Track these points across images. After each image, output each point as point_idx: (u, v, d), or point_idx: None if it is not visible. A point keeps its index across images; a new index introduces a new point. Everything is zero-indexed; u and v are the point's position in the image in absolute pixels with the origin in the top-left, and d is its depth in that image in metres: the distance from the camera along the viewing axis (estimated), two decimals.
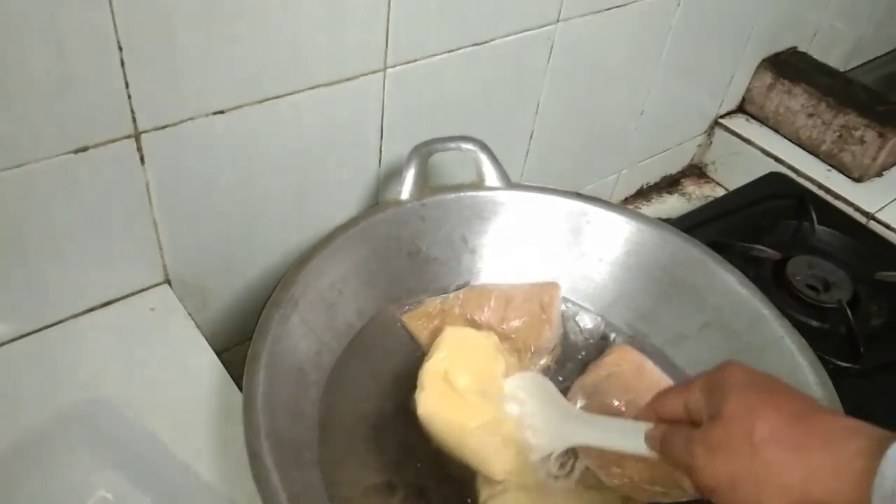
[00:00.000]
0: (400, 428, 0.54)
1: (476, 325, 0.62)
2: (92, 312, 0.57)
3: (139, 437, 0.48)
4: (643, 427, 0.46)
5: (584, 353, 0.64)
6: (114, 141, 0.50)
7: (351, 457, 0.52)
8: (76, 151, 0.49)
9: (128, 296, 0.59)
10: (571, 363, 0.63)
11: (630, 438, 0.46)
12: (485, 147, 0.64)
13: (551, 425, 0.52)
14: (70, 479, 0.47)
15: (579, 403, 0.58)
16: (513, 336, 0.62)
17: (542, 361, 0.62)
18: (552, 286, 0.65)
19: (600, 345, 0.65)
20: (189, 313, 0.59)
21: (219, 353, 0.57)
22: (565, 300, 0.66)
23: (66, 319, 0.56)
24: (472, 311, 0.62)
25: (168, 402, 0.52)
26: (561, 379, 0.61)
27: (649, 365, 0.61)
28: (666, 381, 0.60)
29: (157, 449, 0.47)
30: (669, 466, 0.44)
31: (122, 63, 0.47)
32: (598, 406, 0.57)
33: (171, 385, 0.53)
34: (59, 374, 0.52)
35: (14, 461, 0.45)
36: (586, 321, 0.66)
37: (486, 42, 0.67)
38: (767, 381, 0.41)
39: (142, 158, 0.52)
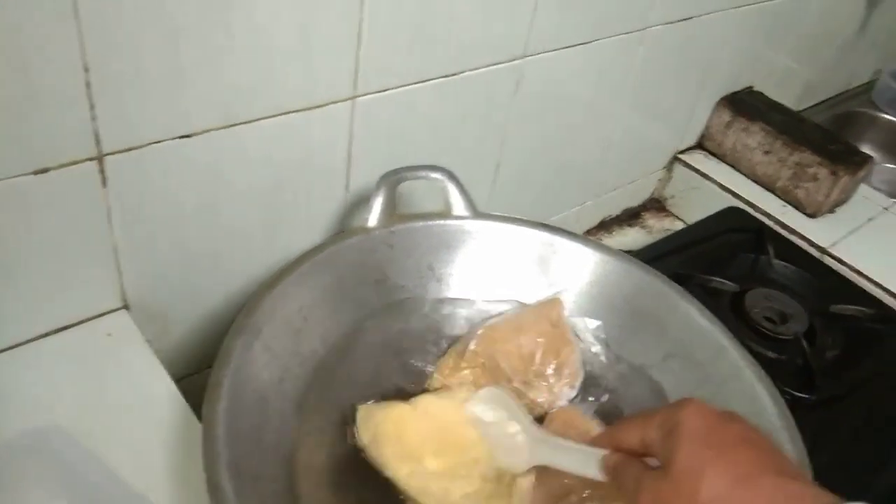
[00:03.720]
0: (365, 462, 0.53)
1: (496, 363, 0.61)
2: (46, 337, 0.55)
3: (93, 467, 0.46)
4: (599, 453, 0.47)
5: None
6: (76, 163, 0.49)
7: (315, 491, 0.50)
8: (36, 173, 0.48)
9: (84, 321, 0.57)
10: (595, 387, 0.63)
11: (586, 463, 0.47)
12: (452, 177, 0.64)
13: (521, 442, 0.53)
14: None
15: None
16: (536, 366, 0.61)
17: (574, 385, 0.62)
18: (554, 302, 0.65)
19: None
20: (147, 340, 0.58)
21: (177, 381, 0.55)
22: None
23: (19, 344, 0.54)
24: (488, 348, 0.61)
25: (124, 431, 0.51)
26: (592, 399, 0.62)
27: (596, 430, 0.58)
28: None
29: (113, 480, 0.46)
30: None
31: (88, 84, 0.46)
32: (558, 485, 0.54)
33: (128, 413, 0.52)
34: (10, 401, 0.51)
35: None
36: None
37: (454, 74, 0.67)
38: (723, 429, 0.41)
39: (104, 181, 0.51)
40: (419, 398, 0.57)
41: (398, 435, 0.53)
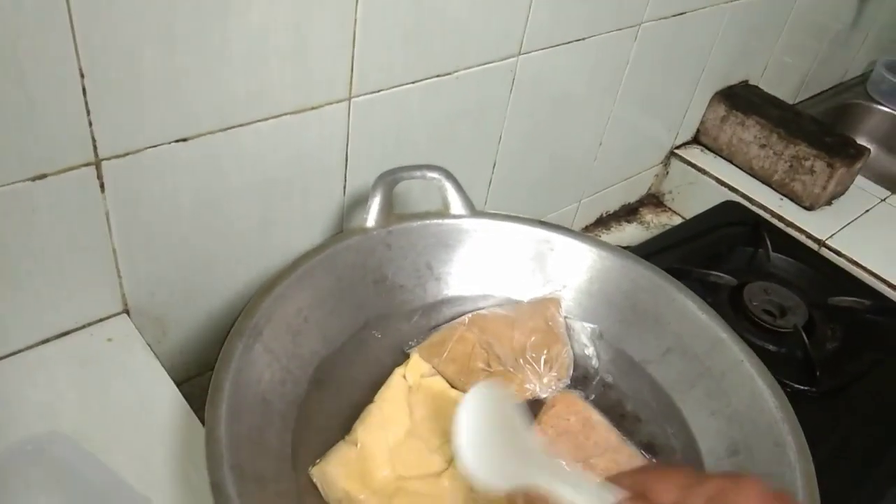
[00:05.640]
0: None
1: (487, 347, 0.61)
2: (48, 343, 0.56)
3: (97, 472, 0.46)
4: (614, 495, 0.40)
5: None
6: (73, 168, 0.49)
7: (317, 491, 0.51)
8: (34, 178, 0.48)
9: (85, 326, 0.57)
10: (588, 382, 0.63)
11: (594, 500, 0.40)
12: (450, 175, 0.64)
13: (505, 458, 0.45)
14: None
15: None
16: (527, 355, 0.62)
17: (562, 379, 0.62)
18: (552, 301, 0.66)
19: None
20: (148, 343, 0.58)
21: (178, 385, 0.55)
22: None
23: (20, 350, 0.54)
24: (480, 334, 0.62)
25: (127, 435, 0.51)
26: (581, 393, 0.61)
27: (595, 417, 0.58)
28: (612, 434, 0.58)
29: (116, 483, 0.46)
30: None
31: (84, 90, 0.47)
32: None
33: (130, 417, 0.52)
34: (13, 407, 0.51)
35: None
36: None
37: (449, 73, 0.68)
38: None
39: (102, 186, 0.51)
40: (354, 431, 0.54)
41: (362, 484, 0.50)
